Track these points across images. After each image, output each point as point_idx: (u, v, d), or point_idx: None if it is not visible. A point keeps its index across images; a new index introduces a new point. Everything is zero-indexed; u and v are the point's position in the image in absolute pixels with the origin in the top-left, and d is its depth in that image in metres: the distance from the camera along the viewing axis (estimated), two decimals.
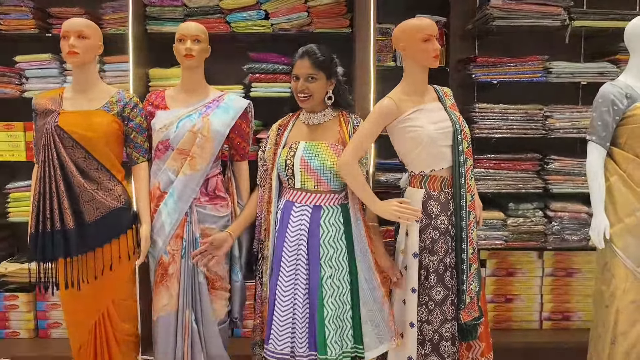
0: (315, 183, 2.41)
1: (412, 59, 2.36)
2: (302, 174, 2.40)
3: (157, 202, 2.48)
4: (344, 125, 2.48)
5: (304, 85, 2.39)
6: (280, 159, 2.45)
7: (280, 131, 2.54)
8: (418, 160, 2.37)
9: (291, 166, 2.40)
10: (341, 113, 2.53)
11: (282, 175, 2.46)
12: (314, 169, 2.39)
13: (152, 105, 2.57)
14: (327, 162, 2.39)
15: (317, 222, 2.41)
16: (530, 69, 3.35)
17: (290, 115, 2.59)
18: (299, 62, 2.41)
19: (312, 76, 2.39)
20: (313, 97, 2.42)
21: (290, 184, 2.45)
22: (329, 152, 2.41)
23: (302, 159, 2.40)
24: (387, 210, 2.33)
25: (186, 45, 2.44)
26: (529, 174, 3.43)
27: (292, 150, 2.43)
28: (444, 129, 2.36)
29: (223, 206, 2.53)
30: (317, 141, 2.44)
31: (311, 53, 2.41)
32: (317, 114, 2.49)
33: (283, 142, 2.48)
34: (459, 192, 2.37)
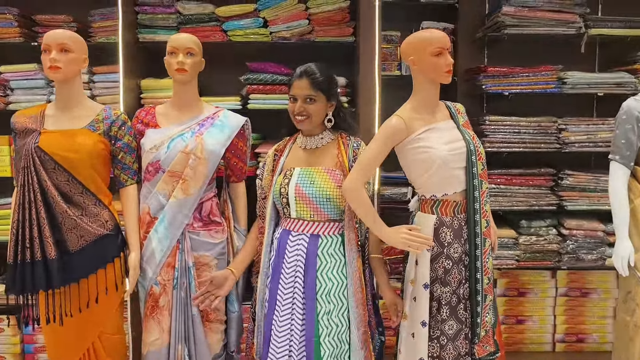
0: (312, 212, 2.24)
1: (423, 74, 2.18)
2: (297, 203, 2.23)
3: (147, 228, 2.30)
4: (343, 148, 2.31)
5: (302, 106, 2.23)
6: (275, 187, 2.28)
7: (276, 157, 2.37)
8: (429, 184, 2.19)
9: (285, 195, 2.24)
10: (340, 135, 2.36)
11: (277, 204, 2.29)
12: (309, 197, 2.22)
13: (141, 123, 2.38)
14: (323, 189, 2.22)
15: (314, 252, 2.23)
16: (544, 80, 3.21)
17: (287, 139, 2.41)
18: (297, 82, 2.24)
19: (311, 97, 2.23)
20: (311, 119, 2.25)
21: (285, 213, 2.28)
22: (325, 179, 2.24)
23: (296, 186, 2.23)
24: (396, 238, 2.16)
25: (178, 59, 2.26)
26: (542, 189, 3.29)
27: (287, 177, 2.26)
28: (457, 150, 2.18)
29: (218, 232, 2.35)
30: (313, 167, 2.27)
31: (310, 73, 2.24)
32: (314, 137, 2.32)
33: (279, 168, 2.31)
34: (474, 217, 2.19)
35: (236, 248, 2.42)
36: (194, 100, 2.38)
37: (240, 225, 2.45)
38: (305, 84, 2.22)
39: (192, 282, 2.29)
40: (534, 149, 3.23)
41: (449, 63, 2.15)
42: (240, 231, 2.44)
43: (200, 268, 2.31)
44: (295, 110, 2.23)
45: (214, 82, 3.24)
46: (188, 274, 2.29)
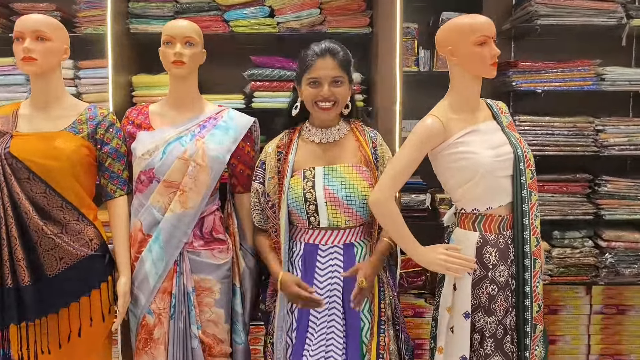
0: (347, 218, 1.94)
1: (463, 66, 1.87)
2: (330, 209, 1.92)
3: (139, 248, 1.97)
4: (362, 139, 2.02)
5: (329, 90, 1.92)
6: (294, 192, 1.96)
7: (280, 155, 2.04)
8: (471, 196, 1.87)
9: (313, 201, 1.92)
10: (354, 125, 2.08)
11: (298, 213, 1.97)
12: (342, 200, 1.92)
13: (132, 125, 2.05)
14: (357, 189, 1.94)
15: (352, 261, 1.95)
16: (580, 75, 2.89)
17: (290, 132, 2.09)
18: (321, 62, 1.93)
19: (338, 79, 1.94)
20: (338, 105, 1.96)
21: (312, 223, 1.96)
22: (356, 177, 1.96)
23: (325, 189, 1.92)
24: (432, 260, 1.85)
25: (175, 50, 1.94)
26: (577, 197, 2.97)
27: (309, 179, 1.95)
28: (504, 156, 1.87)
29: (222, 251, 2.02)
30: (337, 164, 1.98)
31: (334, 51, 1.95)
32: (331, 129, 2.03)
33: (289, 169, 1.99)
34: (522, 235, 1.88)
35: (242, 269, 2.09)
36: (194, 97, 2.06)
37: (247, 243, 2.12)
38: (332, 63, 1.92)
39: (192, 310, 1.96)
40: (569, 152, 2.92)
41: (494, 54, 1.85)
42: (247, 250, 2.11)
43: (202, 294, 1.99)
44: (323, 94, 1.92)
45: (214, 78, 2.91)
46: (187, 301, 1.96)
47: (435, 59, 3.10)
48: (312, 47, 1.97)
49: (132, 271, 1.98)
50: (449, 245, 1.89)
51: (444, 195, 3.03)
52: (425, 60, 3.12)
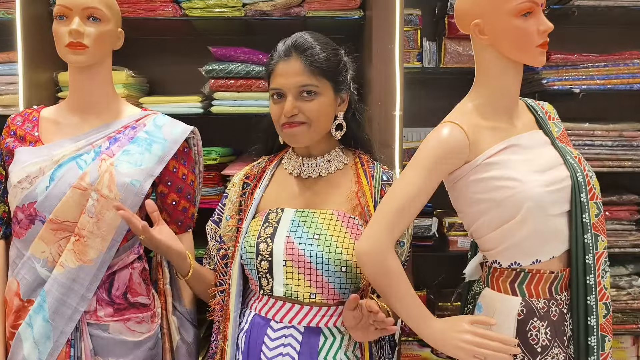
0: (314, 289, 1.32)
1: (498, 48, 1.25)
2: (289, 273, 1.31)
3: (15, 320, 1.35)
4: (364, 179, 1.39)
5: (293, 106, 1.31)
6: (247, 239, 1.36)
7: (246, 187, 1.44)
8: (510, 243, 1.26)
9: (267, 256, 1.31)
10: (359, 157, 1.46)
11: (248, 269, 1.37)
12: (310, 261, 1.31)
13: (14, 136, 1.43)
14: (335, 248, 1.32)
15: (312, 358, 1.30)
16: (628, 71, 2.35)
17: (267, 160, 1.51)
18: (283, 65, 1.33)
19: (309, 89, 1.33)
20: (311, 126, 1.34)
21: (264, 287, 1.35)
22: (337, 230, 1.34)
23: (288, 241, 1.31)
24: (453, 340, 1.23)
25: (71, 27, 1.33)
26: (624, 224, 2.44)
27: (270, 224, 1.35)
28: (558, 184, 1.26)
29: (143, 322, 1.40)
30: (315, 209, 1.37)
31: (304, 47, 1.34)
32: (316, 158, 1.42)
33: (253, 207, 1.40)
34: (584, 301, 1.27)
35: (176, 345, 1.46)
36: (105, 97, 1.44)
37: (183, 306, 1.49)
38: (298, 66, 1.32)
39: None
40: (614, 168, 2.39)
41: (545, 29, 1.24)
42: (183, 315, 1.49)
43: None
44: (287, 112, 1.32)
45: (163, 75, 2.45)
46: None
47: (443, 53, 2.56)
48: (277, 45, 1.38)
49: (7, 354, 1.35)
50: (476, 318, 1.26)
51: (453, 219, 2.48)
52: (431, 55, 2.59)
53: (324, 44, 1.36)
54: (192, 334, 1.49)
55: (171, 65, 2.49)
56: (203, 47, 2.38)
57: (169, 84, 2.49)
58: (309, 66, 1.32)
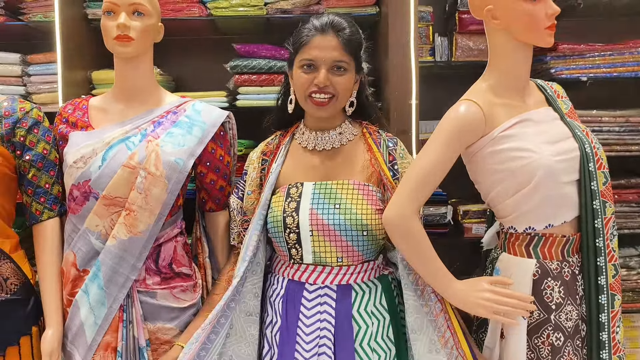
0: (340, 254, 1.44)
1: (509, 31, 1.37)
2: (316, 241, 1.43)
3: (73, 289, 1.47)
4: (375, 147, 1.51)
5: (326, 77, 1.42)
6: (274, 214, 1.47)
7: (266, 163, 1.56)
8: (525, 209, 1.37)
9: (294, 228, 1.43)
10: (366, 128, 1.57)
11: (277, 241, 1.49)
12: (334, 230, 1.42)
13: (66, 123, 1.56)
14: (357, 215, 1.43)
15: (347, 314, 1.43)
16: (634, 59, 2.42)
17: (279, 136, 1.62)
18: (319, 38, 1.44)
19: (341, 64, 1.44)
20: (339, 100, 1.46)
21: (293, 256, 1.47)
22: (357, 199, 1.45)
23: (312, 213, 1.43)
24: (473, 299, 1.34)
25: (119, 21, 1.45)
26: (632, 207, 2.50)
27: (293, 198, 1.46)
28: (568, 154, 1.37)
29: (187, 290, 1.52)
30: (334, 180, 1.48)
31: (339, 26, 1.45)
32: (329, 132, 1.53)
33: (270, 181, 1.50)
34: (594, 262, 1.38)
35: None
36: (148, 86, 1.57)
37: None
38: (334, 42, 1.43)
39: None
40: (621, 152, 2.46)
41: (552, 12, 1.35)
42: None
43: (159, 349, 1.48)
44: (318, 82, 1.42)
45: (190, 72, 2.54)
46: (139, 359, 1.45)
47: (454, 48, 2.64)
48: (311, 21, 1.49)
49: (64, 320, 1.47)
50: (495, 278, 1.37)
51: (467, 207, 2.56)
52: (443, 49, 2.67)
53: (353, 26, 1.48)
54: None
55: (194, 63, 2.58)
56: (225, 46, 2.49)
57: (192, 81, 2.57)
58: (343, 44, 1.43)
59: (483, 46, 2.58)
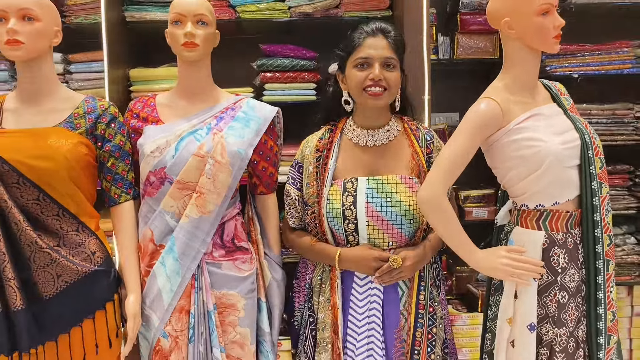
0: (391, 239, 1.70)
1: (523, 40, 1.62)
2: (371, 229, 1.68)
3: (150, 261, 1.70)
4: (416, 144, 1.76)
5: (380, 72, 1.66)
6: (332, 205, 1.70)
7: (320, 159, 1.78)
8: (536, 189, 1.63)
9: (352, 219, 1.68)
10: (406, 123, 1.82)
11: (336, 229, 1.73)
12: (387, 219, 1.67)
13: (137, 118, 1.78)
14: (404, 207, 1.68)
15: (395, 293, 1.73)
16: (619, 58, 2.68)
17: (331, 130, 1.83)
18: (372, 40, 1.69)
19: (391, 61, 1.69)
20: (389, 92, 1.70)
21: (350, 242, 1.72)
22: (403, 191, 1.70)
23: (367, 206, 1.67)
24: (493, 265, 1.60)
25: (186, 30, 1.67)
26: (617, 190, 2.79)
27: (349, 193, 1.69)
28: (571, 143, 1.63)
29: (246, 262, 1.76)
30: (384, 175, 1.72)
31: (387, 30, 1.71)
32: (378, 130, 1.77)
33: (329, 176, 1.73)
34: (593, 233, 1.64)
35: (268, 282, 1.82)
36: (208, 85, 1.79)
37: (272, 252, 1.85)
38: (384, 42, 1.68)
39: (213, 331, 1.69)
40: (608, 141, 2.71)
41: (558, 25, 1.61)
42: (272, 259, 1.84)
43: (224, 312, 1.72)
44: (373, 76, 1.65)
45: (221, 69, 2.60)
46: (208, 321, 1.69)
47: (456, 46, 2.88)
48: (360, 27, 1.74)
49: (142, 288, 1.70)
50: (511, 247, 1.63)
51: (468, 192, 2.82)
52: (445, 48, 2.89)
53: (398, 31, 1.74)
54: (279, 273, 1.85)
55: (222, 61, 2.76)
56: (250, 45, 2.69)
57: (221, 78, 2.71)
58: (391, 44, 1.69)
59: (482, 45, 2.83)
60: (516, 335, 1.65)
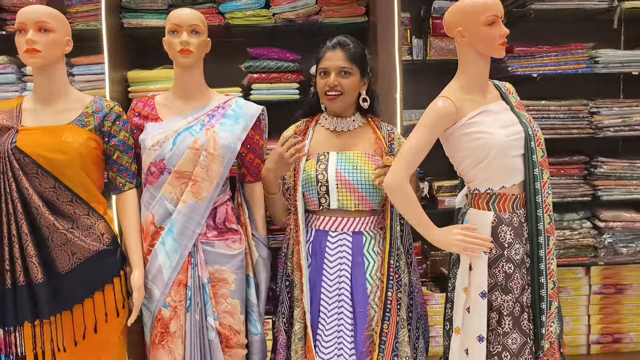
0: (357, 201, 1.97)
1: (473, 47, 1.87)
2: (340, 191, 1.96)
3: (152, 241, 1.94)
4: (379, 132, 2.07)
5: (336, 80, 1.97)
6: (308, 173, 1.99)
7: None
8: (485, 176, 1.88)
9: (324, 182, 1.96)
10: (371, 119, 2.13)
11: (309, 194, 2.01)
12: (353, 183, 1.96)
13: (139, 116, 2.01)
14: (367, 174, 1.97)
15: (360, 251, 1.98)
16: (574, 59, 2.93)
17: (307, 120, 2.15)
18: (330, 53, 1.99)
19: (347, 70, 1.98)
20: (345, 95, 2.00)
21: (322, 204, 1.99)
22: (368, 163, 2.00)
23: (337, 172, 1.96)
24: (450, 240, 1.85)
25: (182, 38, 1.90)
26: (574, 179, 3.02)
27: (322, 162, 1.99)
28: (515, 135, 1.88)
29: (236, 241, 2.00)
30: (351, 150, 2.02)
31: (345, 44, 2.00)
32: (345, 119, 2.08)
33: (304, 153, 2.03)
34: (535, 213, 1.89)
35: (255, 259, 2.07)
36: (201, 87, 2.03)
37: (259, 233, 2.10)
38: (340, 55, 1.97)
39: (207, 302, 1.93)
40: (565, 135, 2.96)
41: (503, 33, 1.86)
42: (259, 240, 2.09)
43: (217, 285, 1.96)
44: (329, 83, 1.97)
45: (211, 71, 2.82)
46: (203, 293, 1.93)
47: (429, 48, 3.12)
48: (326, 41, 2.04)
49: (145, 265, 1.94)
50: (464, 226, 1.89)
51: (441, 182, 3.05)
52: (419, 49, 3.13)
53: (357, 44, 2.01)
54: (265, 252, 2.10)
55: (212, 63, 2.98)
56: (239, 48, 2.92)
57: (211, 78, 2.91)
58: (347, 55, 1.97)
59: (453, 47, 3.06)
60: (471, 302, 1.90)
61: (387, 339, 1.94)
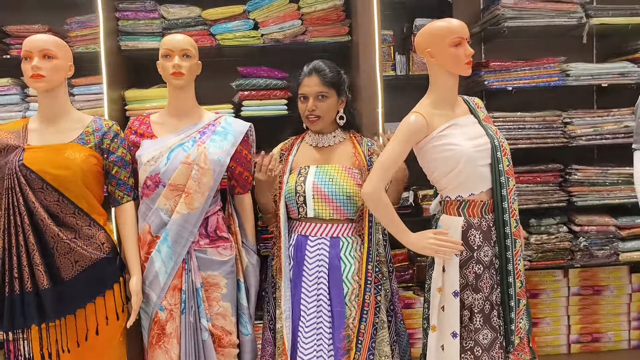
0: (331, 211, 2.14)
1: (441, 66, 2.04)
2: (316, 201, 2.14)
3: (149, 249, 2.10)
4: (358, 147, 2.24)
5: (314, 105, 2.16)
6: (289, 185, 2.18)
7: (283, 156, 2.28)
8: (454, 184, 2.04)
9: (302, 193, 2.14)
10: (352, 134, 2.30)
11: (290, 204, 2.19)
12: (328, 194, 2.13)
13: (135, 134, 2.18)
14: (342, 187, 2.14)
15: (337, 255, 2.15)
16: (547, 72, 3.09)
17: (294, 138, 2.34)
18: (307, 79, 2.18)
19: (323, 94, 2.17)
20: (324, 117, 2.20)
21: (301, 213, 2.17)
22: (344, 176, 2.16)
23: (314, 184, 2.14)
24: (422, 244, 2.01)
25: (174, 62, 2.07)
26: (550, 186, 3.16)
27: (302, 175, 2.17)
28: (482, 146, 2.04)
29: (226, 248, 2.16)
30: (329, 164, 2.19)
31: (320, 69, 2.18)
32: (326, 135, 2.26)
33: (289, 167, 2.22)
34: (502, 217, 2.05)
35: (245, 265, 2.23)
36: (192, 106, 2.19)
37: (248, 241, 2.26)
38: (316, 80, 2.16)
39: (200, 305, 2.09)
40: (540, 144, 3.10)
41: (469, 53, 2.02)
42: (249, 247, 2.25)
43: (209, 289, 2.12)
44: (308, 108, 2.16)
45: (204, 89, 2.97)
46: (196, 297, 2.09)
47: (411, 64, 3.26)
48: (304, 67, 2.22)
49: (142, 271, 2.09)
50: (437, 230, 2.05)
51: (426, 191, 3.18)
52: (402, 65, 3.27)
53: (332, 68, 2.18)
54: (255, 258, 2.26)
55: (205, 81, 3.09)
56: (230, 67, 3.07)
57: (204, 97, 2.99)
58: (323, 80, 2.14)
59: None
60: (445, 301, 2.06)
61: (364, 338, 2.09)
